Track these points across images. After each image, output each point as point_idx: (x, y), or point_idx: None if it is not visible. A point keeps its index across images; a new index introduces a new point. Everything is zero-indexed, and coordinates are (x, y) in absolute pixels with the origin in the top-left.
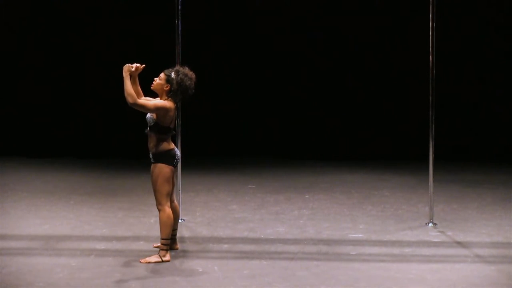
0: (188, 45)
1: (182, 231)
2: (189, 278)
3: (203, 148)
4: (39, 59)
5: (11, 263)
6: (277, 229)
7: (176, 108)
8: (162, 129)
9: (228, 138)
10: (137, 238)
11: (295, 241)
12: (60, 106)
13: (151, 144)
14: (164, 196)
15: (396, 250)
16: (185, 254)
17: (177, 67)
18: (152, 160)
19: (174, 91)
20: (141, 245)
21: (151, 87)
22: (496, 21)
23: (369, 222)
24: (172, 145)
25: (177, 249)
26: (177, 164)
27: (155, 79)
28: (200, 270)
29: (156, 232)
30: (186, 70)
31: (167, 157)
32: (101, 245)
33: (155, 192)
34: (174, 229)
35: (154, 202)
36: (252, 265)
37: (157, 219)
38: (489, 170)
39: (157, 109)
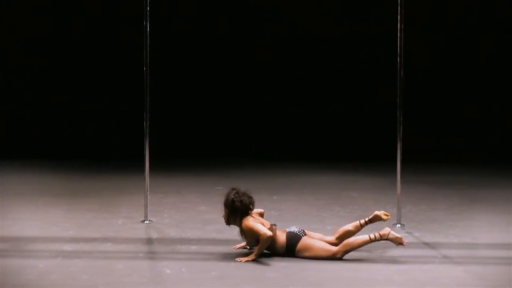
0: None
1: (150, 232)
2: (156, 279)
3: (172, 149)
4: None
5: None
6: None
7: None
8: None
9: (197, 139)
10: (105, 240)
11: None
12: (32, 107)
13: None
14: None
15: (364, 251)
16: (152, 255)
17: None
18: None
19: (232, 211)
20: (109, 247)
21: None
22: (467, 21)
23: (337, 223)
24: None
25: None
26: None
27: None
28: (168, 272)
29: (123, 233)
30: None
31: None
32: (69, 247)
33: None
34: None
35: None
36: (220, 266)
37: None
38: (457, 171)
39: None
